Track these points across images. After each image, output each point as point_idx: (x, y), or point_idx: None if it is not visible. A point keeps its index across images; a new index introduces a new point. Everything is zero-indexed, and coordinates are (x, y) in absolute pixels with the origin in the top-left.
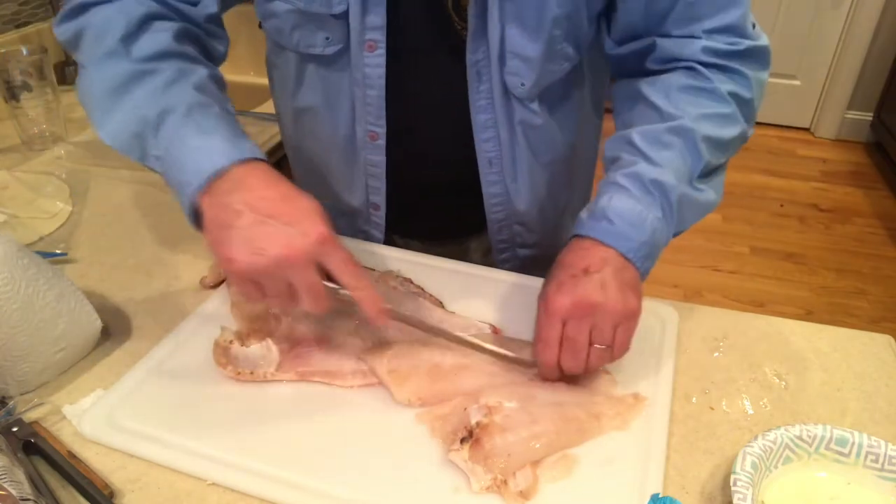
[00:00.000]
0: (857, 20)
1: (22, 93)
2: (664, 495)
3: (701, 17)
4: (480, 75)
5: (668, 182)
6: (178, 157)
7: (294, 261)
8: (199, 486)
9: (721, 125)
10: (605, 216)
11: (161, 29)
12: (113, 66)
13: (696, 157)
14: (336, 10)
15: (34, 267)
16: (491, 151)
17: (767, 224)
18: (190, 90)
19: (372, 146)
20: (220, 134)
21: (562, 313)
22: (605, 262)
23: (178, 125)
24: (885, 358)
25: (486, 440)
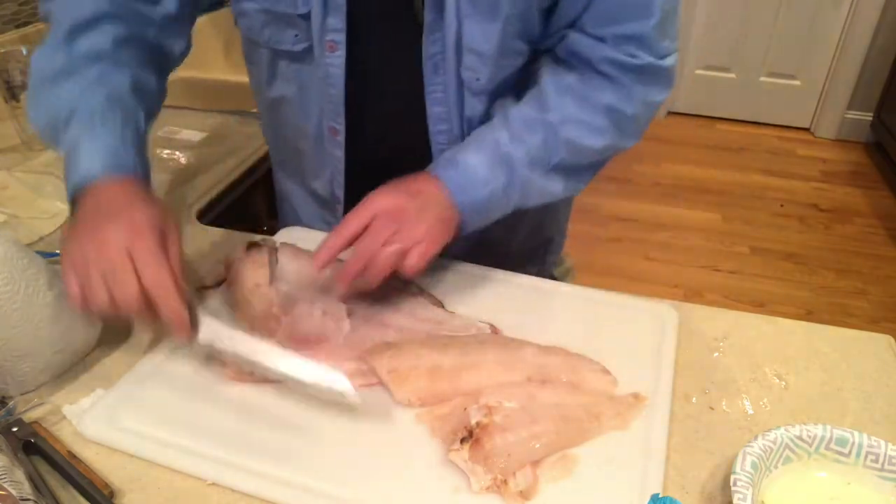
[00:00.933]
0: (857, 20)
1: (22, 93)
2: (664, 495)
3: (615, 19)
4: (437, 68)
5: (517, 159)
6: (72, 159)
7: (104, 246)
8: (199, 486)
9: (587, 134)
10: (455, 165)
11: (105, 31)
12: (51, 56)
13: (556, 152)
14: (301, 11)
15: (34, 267)
16: (443, 143)
17: (767, 224)
18: (100, 97)
19: (333, 141)
20: (112, 145)
21: (376, 208)
22: (434, 196)
23: (80, 129)
24: (885, 358)
25: (486, 440)
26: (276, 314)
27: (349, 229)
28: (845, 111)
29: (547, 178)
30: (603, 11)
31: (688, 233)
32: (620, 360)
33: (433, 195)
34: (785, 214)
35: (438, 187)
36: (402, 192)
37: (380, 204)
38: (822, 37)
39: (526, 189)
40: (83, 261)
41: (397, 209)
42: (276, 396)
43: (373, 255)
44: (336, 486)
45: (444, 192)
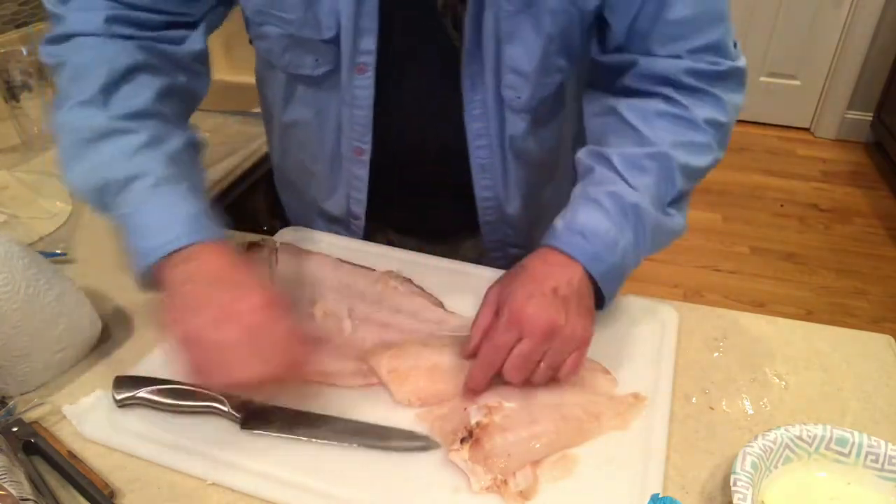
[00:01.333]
0: (857, 20)
1: (22, 93)
2: (664, 495)
3: (684, 36)
4: (475, 86)
5: (644, 208)
6: (139, 224)
7: (233, 319)
8: (200, 486)
9: (696, 154)
10: (582, 233)
11: (144, 84)
12: (88, 115)
13: (671, 185)
14: (326, 36)
15: (34, 267)
16: (484, 159)
17: (767, 224)
18: (163, 160)
19: (357, 161)
20: (188, 209)
21: (524, 328)
22: (571, 285)
23: (146, 195)
24: (885, 358)
25: (486, 440)
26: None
27: (501, 352)
28: (845, 111)
29: (669, 216)
30: (672, 31)
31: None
32: (620, 360)
33: (572, 287)
34: (785, 214)
35: (572, 269)
36: (543, 297)
37: (527, 322)
38: (822, 37)
39: (655, 235)
40: (199, 340)
41: (547, 328)
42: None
43: (527, 374)
44: (336, 485)
45: (578, 270)
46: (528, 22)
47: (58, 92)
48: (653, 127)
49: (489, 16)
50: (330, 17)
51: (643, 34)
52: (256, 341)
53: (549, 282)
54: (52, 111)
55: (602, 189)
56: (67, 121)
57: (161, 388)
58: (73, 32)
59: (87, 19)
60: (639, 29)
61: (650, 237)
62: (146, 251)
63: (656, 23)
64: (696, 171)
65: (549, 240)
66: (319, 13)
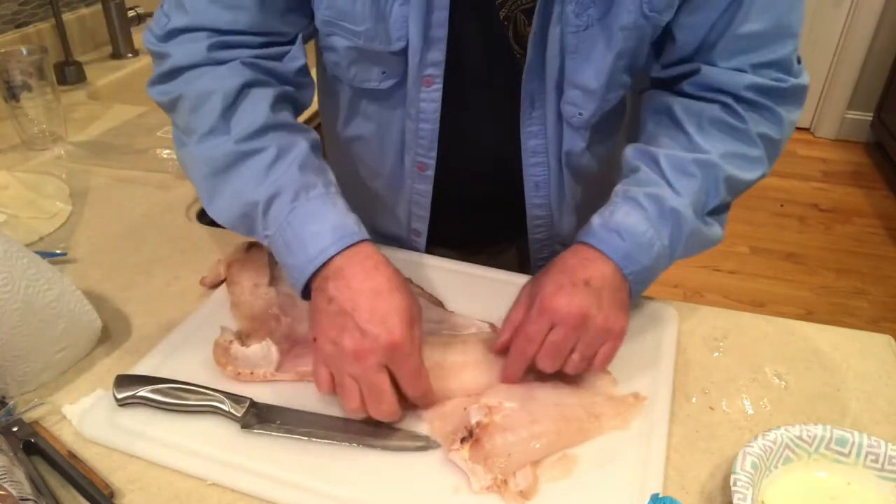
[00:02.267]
0: (857, 20)
1: (22, 93)
2: (664, 495)
3: (751, 49)
4: (534, 102)
5: (685, 213)
6: (287, 242)
7: (361, 359)
8: (200, 486)
9: (746, 168)
10: (618, 231)
11: (258, 98)
12: (215, 146)
13: (715, 194)
14: (395, 48)
15: (34, 267)
16: (539, 175)
17: (767, 224)
18: (294, 171)
19: (420, 176)
20: (328, 220)
21: (555, 316)
22: (605, 278)
23: (286, 211)
24: (885, 358)
25: (487, 440)
26: (275, 314)
27: (533, 342)
28: (845, 111)
29: (707, 224)
30: (739, 45)
31: None
32: (620, 360)
33: (605, 280)
34: (785, 214)
35: (605, 264)
36: (571, 288)
37: (557, 310)
38: (822, 37)
39: (690, 241)
40: (338, 364)
41: (578, 315)
42: (276, 396)
43: (560, 363)
44: (336, 485)
45: (610, 266)
46: (600, 38)
47: (179, 126)
48: (705, 133)
49: (555, 31)
50: (400, 28)
51: (709, 46)
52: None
53: (581, 273)
54: (177, 147)
55: (644, 190)
56: (197, 154)
57: (161, 388)
58: (179, 66)
59: (191, 51)
60: (709, 40)
61: (685, 243)
62: (299, 268)
63: (724, 35)
64: (742, 183)
65: (583, 236)
66: (389, 24)
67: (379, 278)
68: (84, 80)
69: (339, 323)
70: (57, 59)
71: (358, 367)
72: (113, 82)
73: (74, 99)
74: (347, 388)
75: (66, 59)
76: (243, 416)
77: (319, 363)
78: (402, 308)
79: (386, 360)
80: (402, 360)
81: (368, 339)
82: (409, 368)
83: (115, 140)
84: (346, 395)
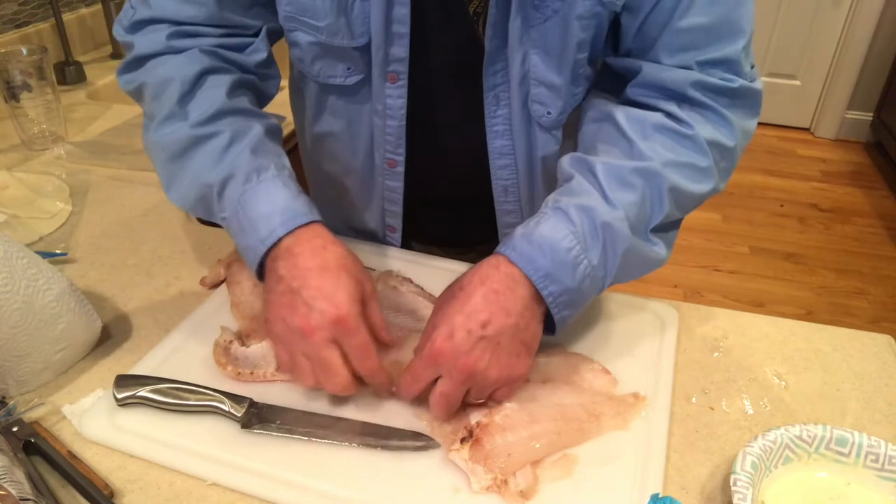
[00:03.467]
0: (857, 20)
1: (22, 93)
2: (664, 495)
3: (696, 46)
4: (499, 100)
5: (619, 229)
6: (240, 223)
7: (309, 335)
8: (199, 486)
9: (693, 178)
10: (539, 245)
11: (215, 85)
12: (172, 130)
13: (658, 208)
14: (358, 43)
15: (34, 267)
16: (507, 179)
17: (767, 224)
18: (247, 154)
19: (390, 172)
20: (278, 201)
21: (442, 368)
22: (509, 316)
23: (238, 192)
24: (885, 358)
25: (487, 440)
26: None
27: (419, 382)
28: (845, 111)
29: (649, 242)
30: (683, 40)
31: (688, 233)
32: (620, 360)
33: (508, 317)
34: (785, 214)
35: (513, 294)
36: (468, 336)
37: (444, 364)
38: (822, 37)
39: (628, 261)
40: (289, 342)
41: (464, 371)
42: (276, 396)
43: (451, 411)
44: (336, 486)
45: (522, 292)
46: (559, 29)
47: (146, 114)
48: (649, 140)
49: (515, 22)
50: (362, 23)
51: (652, 39)
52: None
53: (481, 314)
54: (143, 134)
55: (575, 201)
56: (156, 140)
57: (161, 387)
58: (142, 55)
59: (152, 41)
60: (648, 33)
61: (620, 263)
62: (252, 248)
63: (666, 29)
64: (690, 197)
65: (503, 247)
66: (351, 20)
67: (326, 256)
68: (84, 80)
69: (287, 301)
70: (57, 59)
71: (306, 343)
72: (113, 82)
73: (74, 99)
74: (300, 367)
75: (66, 59)
76: (243, 415)
77: (278, 343)
78: (348, 285)
79: (334, 336)
80: (350, 336)
81: (315, 314)
82: (356, 344)
83: (115, 140)
84: (300, 373)
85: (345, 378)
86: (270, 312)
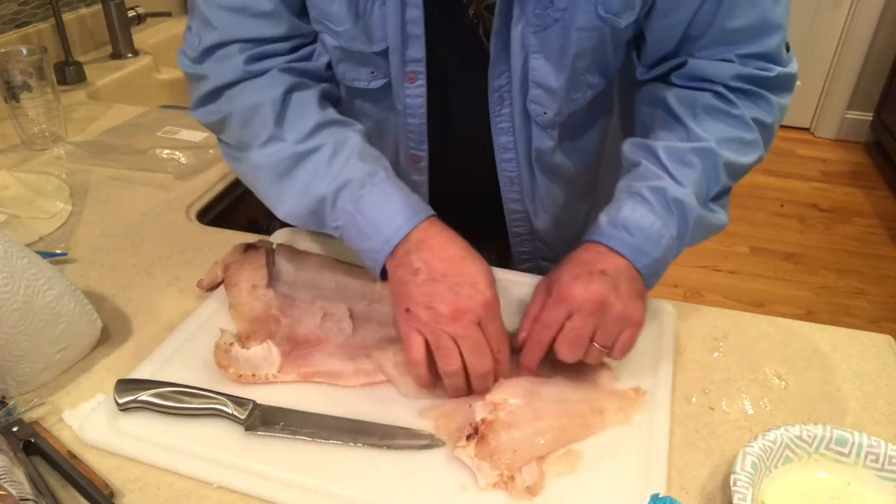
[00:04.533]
0: (857, 20)
1: (22, 93)
2: (664, 495)
3: (737, 41)
4: (503, 100)
5: (689, 203)
6: (360, 228)
7: (460, 318)
8: (200, 486)
9: (742, 151)
10: (626, 227)
11: (304, 100)
12: (274, 153)
13: (715, 180)
14: (377, 49)
15: (34, 267)
16: (511, 171)
17: (767, 224)
18: (355, 161)
19: (416, 167)
20: (396, 202)
21: (573, 303)
22: (620, 269)
23: (354, 199)
24: (885, 358)
25: (492, 437)
26: (275, 315)
27: (550, 329)
28: (845, 111)
29: (711, 211)
30: (723, 39)
31: None
32: (620, 360)
33: (620, 270)
34: (785, 214)
35: (615, 258)
36: (588, 276)
37: (575, 298)
38: (822, 37)
39: (697, 229)
40: (435, 327)
41: (595, 302)
42: (277, 398)
43: (581, 352)
44: (342, 485)
45: (623, 261)
46: (559, 38)
47: (230, 143)
48: (701, 121)
49: (517, 29)
50: (380, 28)
51: (695, 38)
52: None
53: (597, 264)
54: (232, 163)
55: (647, 184)
56: (258, 164)
57: (163, 391)
58: (219, 86)
59: (228, 68)
60: (691, 34)
61: (692, 231)
62: (375, 250)
63: (708, 30)
64: (741, 167)
65: (593, 235)
66: (369, 25)
67: (458, 246)
68: (84, 80)
69: (430, 290)
70: (57, 59)
71: (457, 325)
72: (113, 82)
73: (74, 99)
74: (447, 349)
75: (66, 59)
76: (247, 418)
77: (412, 330)
78: (486, 271)
79: (479, 317)
80: (492, 319)
81: (463, 298)
82: (496, 329)
83: (115, 140)
84: (447, 356)
85: (492, 358)
86: (410, 303)
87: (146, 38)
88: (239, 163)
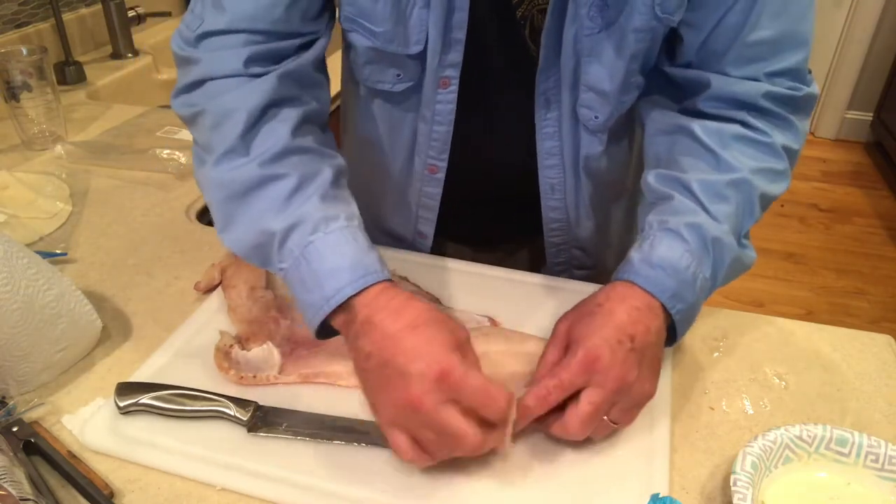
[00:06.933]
0: (857, 20)
1: (22, 93)
2: (664, 495)
3: (763, 57)
4: (549, 103)
5: (727, 241)
6: (302, 277)
7: (419, 406)
8: (200, 486)
9: (774, 181)
10: (662, 267)
11: (281, 119)
12: (234, 168)
13: (749, 215)
14: (413, 51)
15: (34, 267)
16: (554, 178)
17: (767, 224)
18: (315, 202)
19: (430, 178)
20: (347, 255)
21: (597, 376)
22: (650, 334)
23: (303, 244)
24: (885, 358)
25: None
26: (274, 316)
27: (567, 390)
28: (845, 111)
29: (744, 247)
30: (750, 53)
31: None
32: None
33: (649, 337)
34: (785, 214)
35: (652, 314)
36: (620, 346)
37: (601, 371)
38: (822, 37)
39: (731, 269)
40: (404, 423)
41: (621, 380)
42: (278, 399)
43: (592, 428)
44: (346, 486)
45: (657, 315)
46: (613, 40)
47: (199, 143)
48: (732, 151)
49: (570, 32)
50: (419, 31)
51: (719, 53)
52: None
53: (629, 328)
54: (196, 165)
55: (684, 220)
56: (214, 177)
57: (164, 394)
58: (207, 76)
59: (225, 60)
60: (713, 47)
61: (726, 272)
62: (314, 305)
63: (735, 42)
64: (771, 199)
65: (626, 274)
66: (408, 28)
67: (410, 314)
68: (84, 80)
69: (384, 378)
70: (57, 59)
71: (420, 416)
72: (113, 82)
73: (74, 99)
74: (427, 441)
75: (66, 59)
76: (249, 419)
77: (389, 429)
78: (440, 337)
79: (445, 395)
80: (460, 385)
81: (415, 380)
82: (472, 391)
83: (114, 140)
84: (432, 450)
85: (474, 436)
86: (372, 398)
87: (146, 38)
88: (201, 167)
